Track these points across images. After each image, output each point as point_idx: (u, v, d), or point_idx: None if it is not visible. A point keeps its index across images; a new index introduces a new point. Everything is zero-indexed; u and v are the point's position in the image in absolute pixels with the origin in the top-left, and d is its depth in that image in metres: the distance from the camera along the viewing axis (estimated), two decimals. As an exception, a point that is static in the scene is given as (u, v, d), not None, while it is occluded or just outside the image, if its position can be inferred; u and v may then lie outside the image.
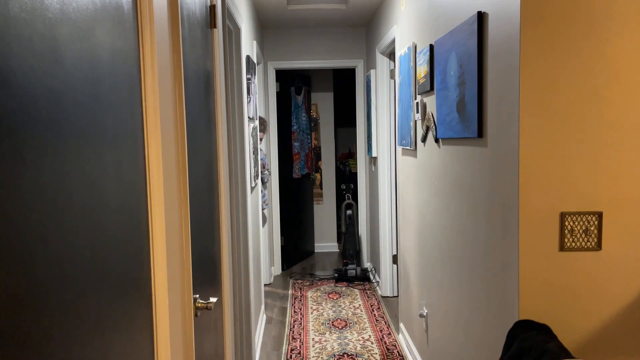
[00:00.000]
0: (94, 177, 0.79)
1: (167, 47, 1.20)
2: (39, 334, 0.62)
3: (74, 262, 0.72)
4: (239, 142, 3.03)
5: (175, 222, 1.26)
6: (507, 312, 1.69)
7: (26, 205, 0.59)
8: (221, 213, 1.97)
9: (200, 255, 1.60)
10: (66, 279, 0.69)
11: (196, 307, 1.48)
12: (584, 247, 1.56)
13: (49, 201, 0.65)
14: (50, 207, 0.65)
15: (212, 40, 1.93)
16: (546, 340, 1.44)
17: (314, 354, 3.47)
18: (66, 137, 0.70)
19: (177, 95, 1.29)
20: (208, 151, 1.80)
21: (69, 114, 0.71)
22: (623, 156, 1.55)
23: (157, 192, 1.10)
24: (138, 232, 1.01)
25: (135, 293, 0.99)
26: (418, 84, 2.82)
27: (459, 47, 2.08)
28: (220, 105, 2.00)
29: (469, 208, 2.07)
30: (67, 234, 0.70)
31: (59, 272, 0.67)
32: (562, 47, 1.54)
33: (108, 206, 0.85)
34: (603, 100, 1.55)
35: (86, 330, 0.76)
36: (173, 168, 1.24)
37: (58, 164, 0.67)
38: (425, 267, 2.88)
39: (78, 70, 0.75)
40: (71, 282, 0.71)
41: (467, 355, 2.19)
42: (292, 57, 5.15)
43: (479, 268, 1.98)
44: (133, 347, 0.97)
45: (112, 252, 0.86)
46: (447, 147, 2.36)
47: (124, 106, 0.94)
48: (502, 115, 1.70)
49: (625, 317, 1.59)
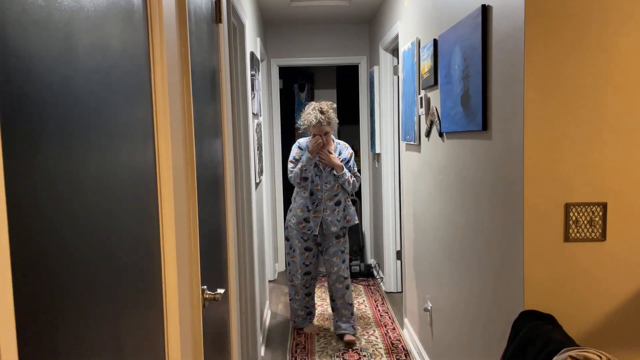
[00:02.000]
0: (105, 166, 0.81)
1: (175, 40, 1.22)
2: (54, 328, 0.63)
3: (86, 254, 0.73)
4: (243, 137, 3.05)
5: (184, 213, 1.27)
6: (512, 302, 1.70)
7: (39, 195, 0.60)
8: (227, 207, 1.98)
9: (207, 248, 1.61)
10: (80, 273, 0.71)
11: (204, 298, 1.50)
12: (588, 237, 1.57)
13: (62, 191, 0.66)
14: (62, 196, 0.66)
15: (217, 35, 1.95)
16: (551, 330, 1.45)
17: (318, 348, 3.49)
18: (79, 124, 0.71)
19: (184, 88, 1.30)
20: (215, 146, 1.82)
21: (81, 101, 0.72)
22: (628, 146, 1.56)
23: (167, 183, 1.11)
24: (149, 222, 1.03)
25: (146, 283, 1.00)
26: (422, 79, 2.83)
27: (463, 41, 2.08)
28: (226, 99, 2.01)
29: (474, 201, 2.08)
30: (78, 226, 0.71)
31: (72, 265, 0.69)
32: (567, 39, 1.54)
33: (119, 196, 0.86)
34: (608, 91, 1.55)
35: (100, 318, 0.77)
36: (181, 161, 1.26)
37: (72, 152, 0.69)
38: (430, 261, 2.89)
39: (90, 59, 0.76)
40: (85, 275, 0.72)
41: (472, 347, 2.21)
42: (295, 54, 5.16)
43: (483, 260, 1.99)
44: (145, 335, 0.99)
45: (123, 242, 0.88)
46: (451, 141, 2.37)
47: (134, 96, 0.95)
48: (507, 108, 1.70)
49: (630, 308, 1.60)
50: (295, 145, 3.57)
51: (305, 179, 3.41)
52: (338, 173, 3.39)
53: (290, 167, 3.49)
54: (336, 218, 3.45)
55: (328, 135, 3.37)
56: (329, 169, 3.41)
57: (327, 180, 3.42)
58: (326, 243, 3.53)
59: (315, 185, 3.44)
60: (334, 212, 3.45)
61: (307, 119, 3.38)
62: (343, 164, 3.43)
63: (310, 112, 3.36)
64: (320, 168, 3.41)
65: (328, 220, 3.45)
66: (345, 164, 3.45)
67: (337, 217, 3.45)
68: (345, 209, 3.49)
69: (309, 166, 3.38)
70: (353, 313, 3.64)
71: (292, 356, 3.38)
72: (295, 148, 3.55)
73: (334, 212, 3.45)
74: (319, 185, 3.44)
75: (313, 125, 3.34)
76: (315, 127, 3.34)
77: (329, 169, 3.41)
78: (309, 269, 3.60)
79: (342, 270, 3.55)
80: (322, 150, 3.36)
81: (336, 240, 3.51)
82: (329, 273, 3.56)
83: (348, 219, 3.52)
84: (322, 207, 3.44)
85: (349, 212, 3.52)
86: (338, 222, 3.46)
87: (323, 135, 3.33)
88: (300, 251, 3.55)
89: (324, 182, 3.43)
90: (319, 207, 3.45)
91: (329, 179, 3.42)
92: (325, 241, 3.53)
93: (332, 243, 3.51)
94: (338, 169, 3.39)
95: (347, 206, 3.51)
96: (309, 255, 3.56)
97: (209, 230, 1.67)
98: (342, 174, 3.39)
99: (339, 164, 3.39)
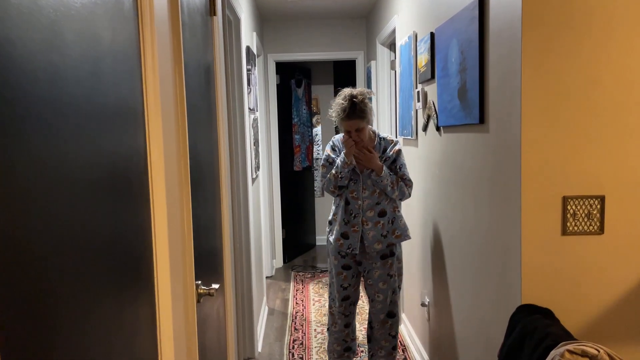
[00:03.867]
0: (94, 154, 0.79)
1: (166, 30, 1.20)
2: (37, 325, 0.62)
3: (71, 247, 0.72)
4: (239, 132, 3.03)
5: (177, 206, 1.26)
6: (509, 297, 1.69)
7: (22, 184, 0.59)
8: (222, 202, 1.97)
9: (201, 243, 1.60)
10: (64, 267, 0.69)
11: (198, 293, 1.48)
12: (586, 231, 1.56)
13: (47, 178, 0.64)
14: (48, 186, 0.65)
15: (211, 28, 1.93)
16: (548, 324, 1.44)
17: (316, 344, 3.48)
18: (65, 112, 0.70)
19: (177, 79, 1.28)
20: (209, 139, 1.80)
21: (68, 89, 0.70)
22: (626, 139, 1.55)
23: (158, 176, 1.10)
24: (139, 215, 1.01)
25: (137, 278, 0.99)
26: (419, 73, 2.81)
27: (460, 34, 2.07)
28: (221, 93, 1.99)
29: (471, 195, 2.07)
30: (64, 216, 0.69)
31: (56, 259, 0.67)
32: (565, 31, 1.53)
33: (107, 187, 0.84)
34: (607, 83, 1.54)
35: (87, 314, 0.76)
36: (174, 152, 1.24)
37: (58, 139, 0.67)
38: (428, 256, 2.88)
39: (78, 46, 0.74)
40: (70, 269, 0.71)
41: (469, 341, 2.20)
42: (292, 49, 5.13)
43: (481, 254, 1.98)
44: (136, 330, 0.97)
45: (111, 234, 0.86)
46: (448, 135, 2.36)
47: (124, 86, 0.93)
48: (504, 101, 1.69)
49: (627, 301, 1.59)
50: (329, 144, 2.82)
51: (341, 188, 2.71)
52: (376, 176, 2.64)
53: (322, 173, 2.78)
54: (380, 233, 2.68)
55: (362, 131, 2.62)
56: (367, 171, 2.66)
57: (366, 185, 2.68)
58: (369, 264, 2.76)
59: (350, 192, 2.70)
60: (376, 225, 2.68)
61: (335, 110, 2.64)
62: (387, 164, 2.69)
63: (339, 102, 2.62)
64: (356, 171, 2.68)
65: (370, 236, 2.69)
66: (389, 165, 2.70)
67: (381, 231, 2.68)
68: (392, 221, 2.71)
69: (346, 172, 2.65)
70: (395, 347, 2.87)
71: (290, 352, 3.37)
72: (328, 148, 2.81)
73: (377, 225, 2.68)
74: (355, 192, 2.69)
75: (342, 119, 2.60)
76: (345, 121, 2.59)
77: (367, 171, 2.66)
78: (348, 293, 2.83)
79: (388, 301, 2.78)
80: (361, 150, 2.64)
81: (382, 261, 2.73)
82: (372, 300, 2.82)
83: (397, 234, 2.72)
84: (360, 218, 2.70)
85: (398, 225, 2.72)
86: (383, 238, 2.69)
87: (354, 131, 2.60)
88: (337, 270, 2.81)
89: (362, 188, 2.68)
90: (357, 219, 2.70)
91: (367, 184, 2.68)
92: (368, 261, 2.76)
93: (377, 265, 2.74)
94: (378, 170, 2.63)
95: (397, 218, 2.72)
96: (347, 275, 2.80)
97: (203, 224, 1.66)
98: (380, 178, 2.63)
99: (379, 165, 2.64)
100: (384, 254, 2.75)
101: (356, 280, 2.85)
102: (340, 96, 2.63)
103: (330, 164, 2.75)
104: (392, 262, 2.76)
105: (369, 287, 2.81)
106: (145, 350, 1.02)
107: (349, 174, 2.66)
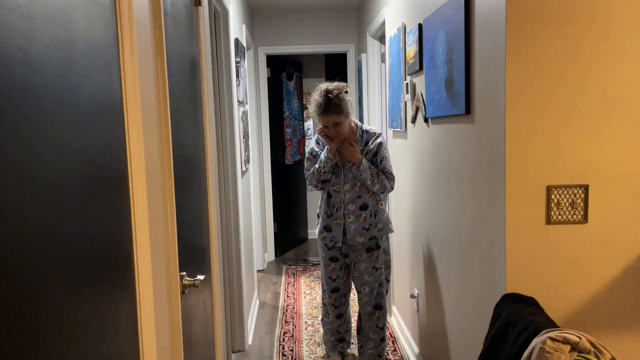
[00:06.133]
0: (67, 144, 0.78)
1: (146, 17, 1.18)
2: (6, 321, 0.61)
3: (42, 242, 0.71)
4: (228, 125, 3.01)
5: (159, 198, 1.25)
6: (494, 286, 1.70)
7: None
8: (209, 194, 1.96)
9: (188, 235, 1.59)
10: (33, 258, 0.68)
11: (183, 284, 1.48)
12: (570, 220, 1.57)
13: (17, 171, 0.63)
14: (19, 177, 0.64)
15: (197, 19, 1.91)
16: (532, 312, 1.45)
17: (306, 336, 3.49)
18: (37, 100, 0.69)
19: (158, 69, 1.27)
20: (196, 131, 1.79)
21: (39, 75, 0.69)
22: (609, 129, 1.55)
23: (138, 166, 1.08)
24: (117, 207, 1.00)
25: (115, 270, 0.98)
26: (407, 65, 2.80)
27: (446, 25, 2.06)
28: (207, 84, 1.98)
29: (459, 185, 2.07)
30: (35, 207, 0.68)
31: (25, 252, 0.66)
32: (548, 21, 1.53)
33: (81, 177, 0.83)
34: (589, 73, 1.54)
35: (59, 309, 0.75)
36: (155, 143, 1.23)
37: (29, 128, 0.66)
38: (417, 248, 2.89)
39: (49, 33, 0.73)
40: (38, 260, 0.70)
41: (457, 332, 2.21)
42: (283, 42, 5.11)
43: (468, 244, 1.99)
44: (114, 322, 0.96)
45: (87, 229, 0.85)
46: (436, 127, 2.36)
47: (100, 74, 0.92)
48: (490, 91, 1.69)
49: (610, 290, 1.60)
50: (313, 138, 2.86)
51: (324, 182, 2.76)
52: (356, 170, 2.66)
53: (306, 167, 2.83)
54: (362, 226, 2.72)
55: (340, 126, 2.61)
56: (349, 164, 2.70)
57: (347, 178, 2.72)
58: (355, 256, 2.81)
59: (332, 185, 2.75)
60: (358, 218, 2.72)
61: (312, 106, 2.68)
62: (369, 157, 2.71)
63: (315, 98, 2.65)
64: (338, 164, 2.72)
65: (352, 229, 2.73)
66: (371, 158, 2.72)
67: (363, 224, 2.72)
68: (375, 214, 2.73)
69: (329, 166, 2.69)
70: (384, 339, 2.93)
71: (280, 344, 3.37)
72: (313, 142, 2.85)
73: (359, 218, 2.72)
74: (336, 185, 2.74)
75: (318, 115, 2.63)
76: (321, 116, 2.62)
77: (349, 164, 2.70)
78: (337, 285, 2.88)
79: (374, 293, 2.82)
80: (343, 143, 2.66)
81: (367, 253, 2.77)
82: (359, 292, 2.87)
83: (380, 228, 2.75)
84: (342, 211, 2.74)
85: (381, 219, 2.75)
86: (365, 231, 2.73)
87: (332, 126, 2.61)
88: (325, 262, 2.88)
89: (343, 182, 2.73)
90: (339, 212, 2.74)
91: (348, 177, 2.72)
92: (354, 254, 2.81)
93: (363, 258, 2.78)
94: (358, 163, 2.65)
95: (379, 211, 2.75)
96: (335, 267, 2.85)
97: (189, 216, 1.65)
98: (359, 171, 2.65)
99: (359, 158, 2.65)
100: (370, 247, 2.78)
101: (345, 272, 2.89)
102: (316, 92, 2.66)
103: (315, 157, 2.79)
104: (377, 254, 2.79)
105: (356, 280, 2.86)
106: (124, 343, 1.02)
107: (331, 168, 2.70)
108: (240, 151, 3.28)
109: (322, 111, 2.60)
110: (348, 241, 2.76)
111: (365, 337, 2.93)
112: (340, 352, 3.06)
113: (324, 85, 2.66)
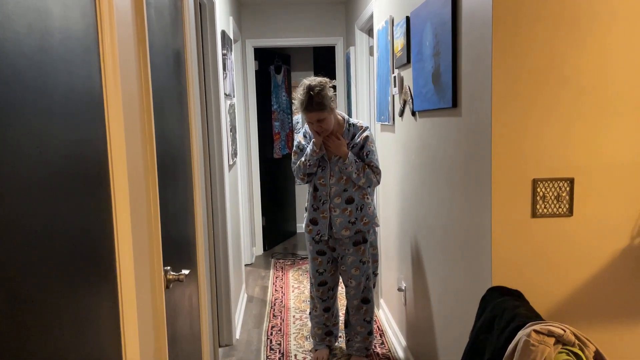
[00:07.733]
0: (43, 135, 0.76)
1: (127, 7, 1.16)
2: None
3: (17, 232, 0.69)
4: (214, 118, 2.98)
5: (142, 193, 1.23)
6: (481, 279, 1.70)
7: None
8: (194, 187, 1.94)
9: (172, 229, 1.57)
10: (8, 251, 0.66)
11: (167, 278, 1.46)
12: (555, 213, 1.57)
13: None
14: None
15: (181, 10, 1.88)
16: (517, 305, 1.45)
17: (294, 330, 3.48)
18: (9, 89, 0.66)
19: (140, 60, 1.24)
20: (180, 124, 1.76)
21: (11, 64, 0.67)
22: (594, 122, 1.56)
23: (119, 160, 1.06)
24: (96, 201, 0.98)
25: (95, 265, 0.96)
26: (395, 58, 2.79)
27: (434, 17, 2.05)
28: (192, 77, 1.95)
29: (445, 179, 2.07)
30: (9, 202, 0.66)
31: (0, 243, 0.64)
32: (535, 15, 1.52)
33: (59, 168, 0.81)
34: (575, 67, 1.54)
35: (36, 305, 0.73)
36: (137, 136, 1.20)
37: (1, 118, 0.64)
38: (404, 242, 2.89)
39: (23, 20, 0.71)
40: (11, 254, 0.68)
41: (443, 325, 2.22)
42: (271, 35, 5.07)
43: (454, 238, 1.99)
44: (94, 319, 0.95)
45: (65, 225, 0.83)
46: (423, 120, 2.35)
47: (78, 65, 0.90)
48: (476, 84, 1.69)
49: (596, 282, 1.61)
50: (301, 131, 2.89)
51: (310, 175, 2.78)
52: (342, 163, 2.68)
53: (293, 160, 2.85)
54: (348, 219, 2.73)
55: (325, 121, 2.62)
56: (335, 158, 2.70)
57: (333, 172, 2.73)
58: (342, 250, 2.82)
59: (318, 178, 2.76)
60: (344, 211, 2.73)
61: (296, 103, 2.71)
62: (355, 150, 2.71)
63: (298, 95, 2.66)
64: (325, 158, 2.73)
65: (337, 222, 2.74)
66: (357, 151, 2.72)
67: (349, 218, 2.73)
68: (361, 208, 2.74)
69: (315, 160, 2.70)
70: (371, 332, 2.95)
71: (268, 338, 3.37)
72: (300, 135, 2.86)
73: (345, 211, 2.73)
74: (322, 179, 2.75)
75: (302, 111, 2.66)
76: (304, 113, 2.64)
77: (335, 158, 2.70)
78: (324, 278, 2.89)
79: (362, 287, 2.84)
80: (329, 137, 2.68)
81: (354, 247, 2.78)
82: (347, 286, 2.88)
83: (365, 221, 2.76)
84: (328, 205, 2.75)
85: (367, 213, 2.76)
86: (351, 225, 2.74)
87: (316, 122, 2.62)
88: (312, 256, 2.89)
89: (329, 175, 2.73)
90: (325, 206, 2.75)
91: (334, 171, 2.72)
92: (341, 247, 2.81)
93: (350, 251, 2.79)
94: (343, 157, 2.67)
95: (365, 205, 2.75)
96: (322, 260, 2.86)
97: (174, 210, 1.63)
98: (345, 164, 2.67)
99: (345, 152, 2.67)
100: (356, 241, 2.78)
101: (332, 265, 2.89)
102: (299, 88, 2.66)
103: (302, 150, 2.80)
104: (364, 248, 2.80)
105: (343, 273, 2.87)
106: (106, 338, 1.00)
107: (317, 162, 2.71)
108: (227, 145, 3.26)
109: (305, 108, 2.61)
110: (334, 234, 2.76)
111: (352, 330, 2.94)
112: (327, 346, 3.06)
113: (307, 81, 2.66)
